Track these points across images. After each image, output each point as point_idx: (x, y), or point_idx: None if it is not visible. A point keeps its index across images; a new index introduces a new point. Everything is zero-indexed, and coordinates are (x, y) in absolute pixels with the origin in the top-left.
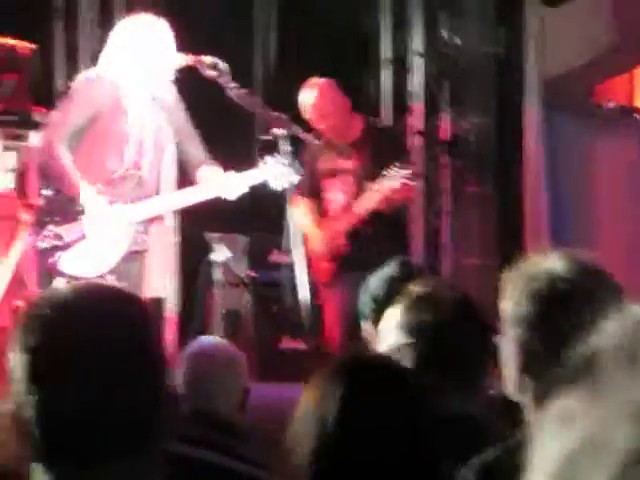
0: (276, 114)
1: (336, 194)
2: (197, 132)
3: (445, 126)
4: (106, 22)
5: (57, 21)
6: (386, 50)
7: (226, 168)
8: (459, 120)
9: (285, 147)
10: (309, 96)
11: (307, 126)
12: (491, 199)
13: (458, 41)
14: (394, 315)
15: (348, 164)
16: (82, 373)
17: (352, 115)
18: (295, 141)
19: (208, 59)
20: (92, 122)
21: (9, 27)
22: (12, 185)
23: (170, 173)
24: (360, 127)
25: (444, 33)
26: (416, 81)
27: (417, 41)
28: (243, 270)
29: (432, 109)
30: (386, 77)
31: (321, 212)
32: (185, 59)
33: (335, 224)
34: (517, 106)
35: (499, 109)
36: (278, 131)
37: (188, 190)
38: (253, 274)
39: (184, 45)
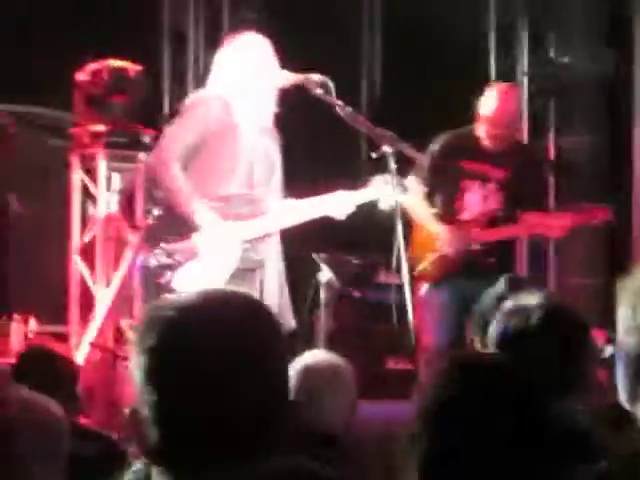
0: (384, 131)
1: (475, 198)
2: (304, 151)
3: (551, 145)
4: (214, 45)
5: (166, 43)
6: (492, 69)
7: (334, 187)
8: (566, 139)
9: (392, 165)
10: (490, 98)
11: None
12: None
13: (565, 60)
14: None
15: (498, 173)
16: (200, 376)
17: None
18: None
19: (316, 77)
20: (204, 141)
21: (118, 49)
22: (117, 206)
23: (279, 194)
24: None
25: (551, 52)
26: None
27: (523, 60)
28: (348, 290)
29: (538, 128)
30: None
31: (451, 211)
32: (294, 77)
33: (475, 229)
34: (626, 125)
35: (608, 129)
36: (386, 149)
37: (298, 208)
38: (359, 294)
39: (291, 64)
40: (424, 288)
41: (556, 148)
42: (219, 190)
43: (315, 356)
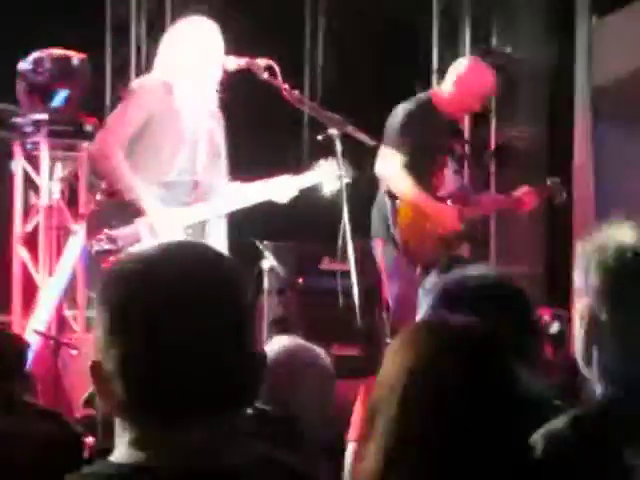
0: (331, 114)
1: (449, 174)
2: (246, 135)
3: (492, 135)
4: (156, 36)
5: (108, 34)
6: (435, 57)
7: (276, 171)
8: (508, 129)
9: (339, 147)
10: (460, 67)
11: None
12: (540, 209)
13: (508, 50)
14: None
15: (462, 147)
16: (164, 328)
17: None
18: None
19: (263, 61)
20: (146, 126)
21: (63, 39)
22: (59, 195)
23: (223, 178)
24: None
25: (494, 42)
26: None
27: (465, 49)
28: (292, 278)
29: (480, 117)
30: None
31: (429, 188)
32: (239, 62)
33: (467, 207)
34: (568, 116)
35: (549, 119)
36: (333, 131)
37: (241, 192)
38: (301, 281)
39: (236, 48)
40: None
41: (497, 138)
42: (162, 176)
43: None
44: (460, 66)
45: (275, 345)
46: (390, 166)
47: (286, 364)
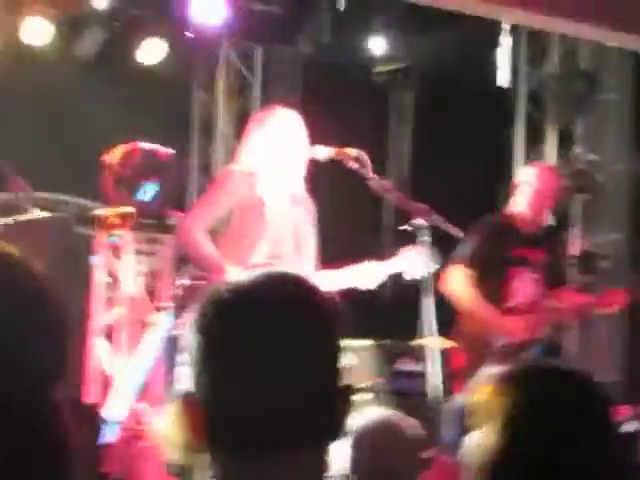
0: (417, 204)
1: (525, 284)
2: (328, 221)
3: (575, 240)
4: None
5: (194, 132)
6: (519, 163)
7: (359, 259)
8: (591, 236)
9: (424, 238)
10: (529, 175)
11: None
12: (622, 317)
13: (592, 156)
14: None
15: (539, 255)
16: (260, 357)
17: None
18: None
19: (352, 151)
20: (230, 214)
21: (149, 134)
22: (141, 288)
23: (310, 266)
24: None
25: (578, 148)
26: None
27: (551, 156)
28: (370, 377)
29: (563, 224)
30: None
31: (498, 299)
32: (329, 152)
33: (534, 316)
34: None
35: (633, 226)
36: (418, 222)
37: (328, 279)
38: (382, 381)
39: (323, 139)
40: None
41: (580, 243)
42: (247, 264)
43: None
44: (526, 176)
45: (366, 416)
46: (452, 280)
47: (372, 435)
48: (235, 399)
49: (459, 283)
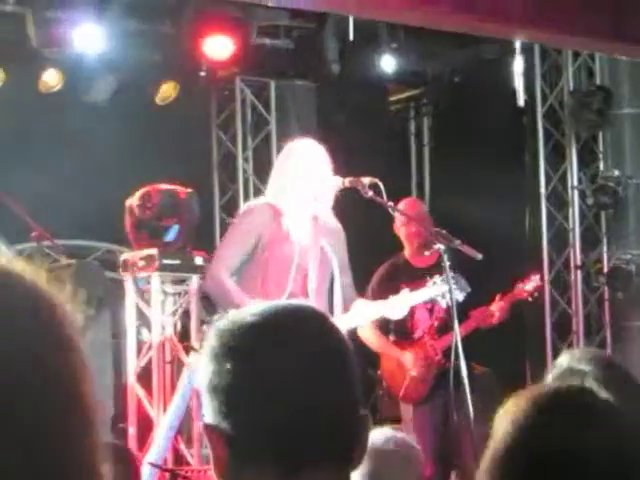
0: (437, 229)
1: (422, 314)
2: (351, 251)
3: (603, 257)
4: (263, 172)
5: (216, 169)
6: (542, 182)
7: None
8: (619, 251)
9: (446, 262)
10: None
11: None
12: None
13: (616, 173)
14: None
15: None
16: (283, 379)
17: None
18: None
19: (367, 180)
20: (255, 249)
21: (170, 174)
22: (172, 329)
23: (339, 298)
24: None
25: (601, 165)
26: (573, 214)
27: (573, 173)
28: None
29: (591, 242)
30: (544, 211)
31: (406, 334)
32: (344, 181)
33: (431, 342)
34: None
35: None
36: (440, 246)
37: (356, 309)
38: None
39: (341, 168)
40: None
41: (608, 260)
42: (273, 297)
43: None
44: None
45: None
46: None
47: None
48: (267, 422)
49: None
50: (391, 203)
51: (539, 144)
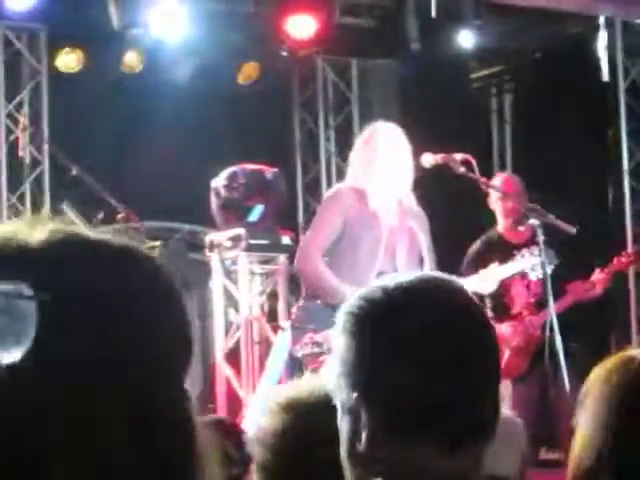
0: (531, 205)
1: (519, 290)
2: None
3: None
4: (346, 151)
5: (299, 149)
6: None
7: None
8: None
9: (540, 237)
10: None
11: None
12: None
13: None
14: None
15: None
16: (443, 351)
17: None
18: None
19: (459, 156)
20: (343, 231)
21: (254, 154)
22: (260, 309)
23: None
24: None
25: None
26: None
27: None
28: None
29: None
30: (627, 187)
31: (502, 310)
32: (436, 158)
33: (529, 317)
34: None
35: None
36: (534, 221)
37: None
38: None
39: (423, 146)
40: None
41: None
42: (363, 276)
43: None
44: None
45: None
46: None
47: None
48: (415, 399)
49: None
50: (484, 179)
51: (621, 120)
